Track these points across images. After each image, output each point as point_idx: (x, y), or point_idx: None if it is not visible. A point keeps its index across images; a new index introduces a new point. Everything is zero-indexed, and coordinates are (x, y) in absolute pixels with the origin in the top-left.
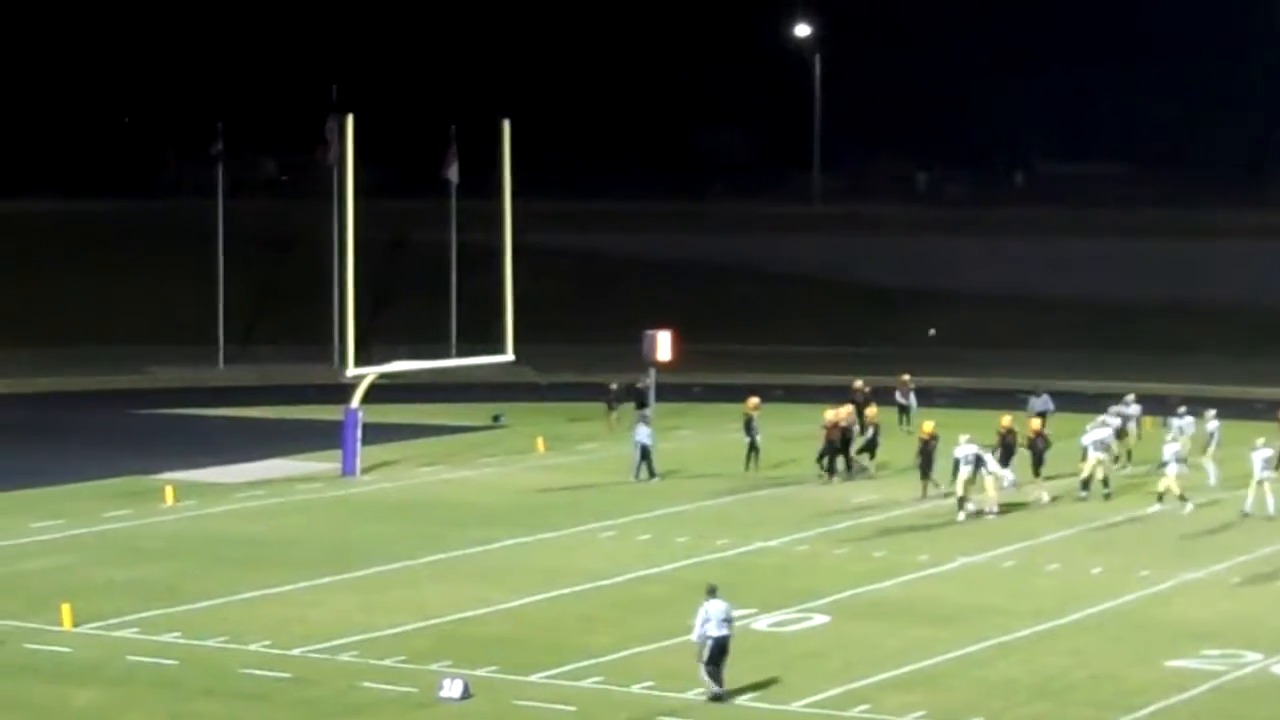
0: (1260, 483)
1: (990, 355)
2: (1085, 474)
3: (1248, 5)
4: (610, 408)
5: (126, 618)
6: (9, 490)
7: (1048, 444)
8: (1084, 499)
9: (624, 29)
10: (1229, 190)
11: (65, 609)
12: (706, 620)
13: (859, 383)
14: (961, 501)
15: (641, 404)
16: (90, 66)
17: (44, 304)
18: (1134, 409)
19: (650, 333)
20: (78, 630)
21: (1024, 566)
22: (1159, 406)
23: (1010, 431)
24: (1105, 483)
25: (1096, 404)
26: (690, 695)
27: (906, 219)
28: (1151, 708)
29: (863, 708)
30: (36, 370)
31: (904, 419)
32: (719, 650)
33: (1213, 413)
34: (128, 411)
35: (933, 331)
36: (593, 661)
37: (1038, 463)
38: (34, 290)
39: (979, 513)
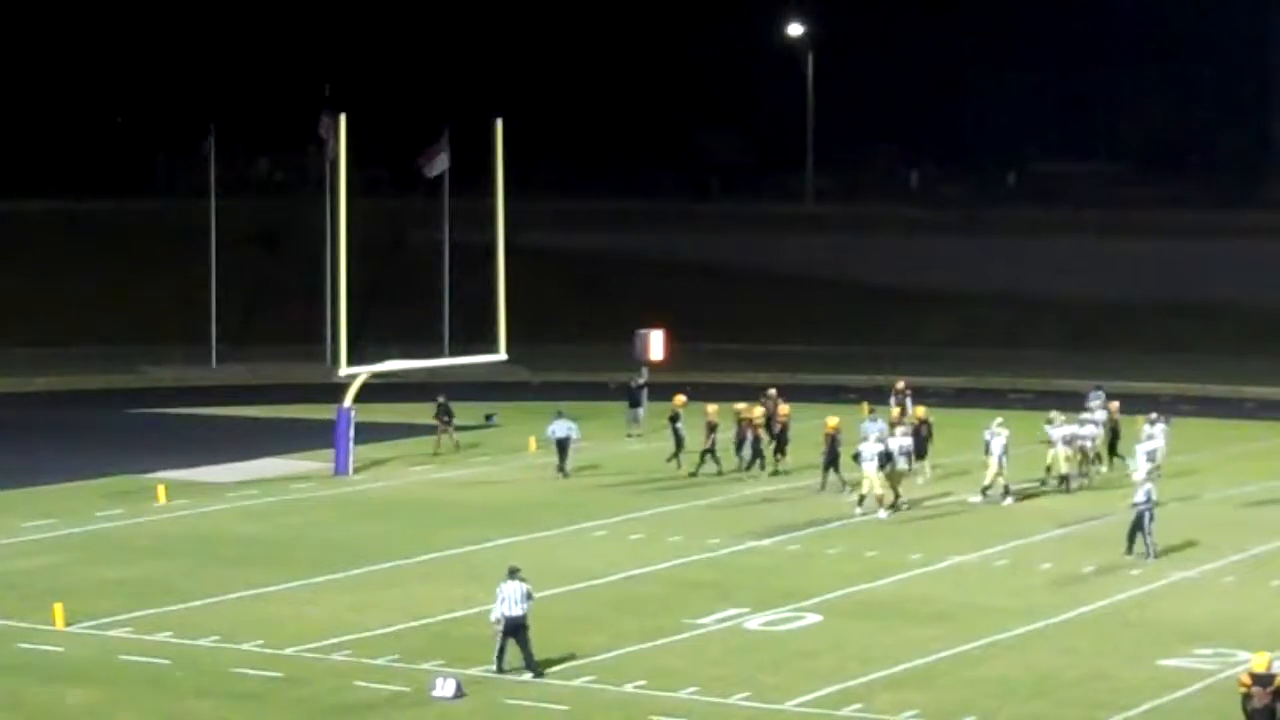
0: (1146, 474)
1: (984, 355)
2: (1048, 464)
3: (1246, 5)
4: (442, 426)
5: (119, 617)
6: (1, 489)
7: (930, 432)
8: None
9: (618, 28)
10: (1225, 190)
11: (57, 608)
12: (503, 600)
13: (772, 390)
14: (863, 498)
15: (635, 403)
16: (82, 66)
17: (37, 303)
18: (1100, 414)
19: (643, 332)
20: (70, 630)
21: (1016, 565)
22: (1154, 405)
23: (924, 423)
24: (1063, 480)
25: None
26: (683, 695)
27: (901, 218)
28: (1144, 706)
29: (855, 707)
30: (29, 369)
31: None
32: (515, 628)
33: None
34: (120, 410)
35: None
36: (585, 661)
37: (920, 451)
38: (26, 289)
39: (894, 507)
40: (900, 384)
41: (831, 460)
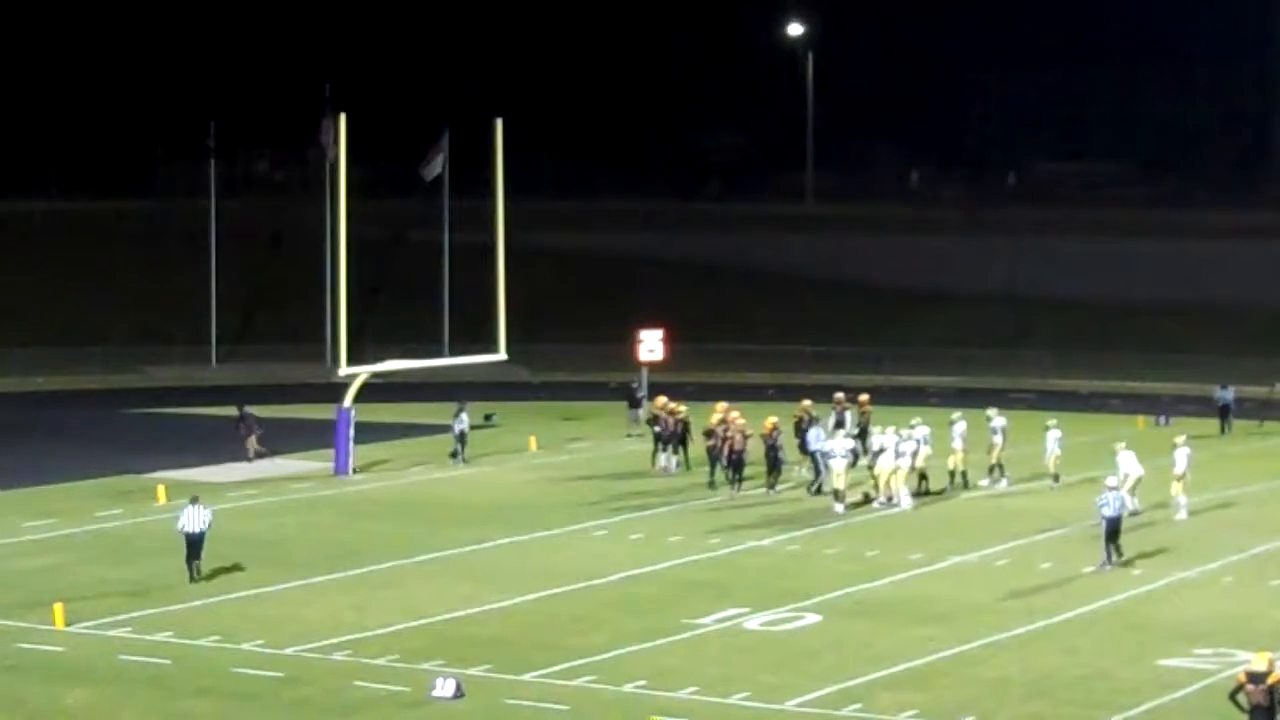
0: (1136, 480)
1: (984, 355)
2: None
3: (1245, 6)
4: (246, 431)
5: (118, 617)
6: (1, 489)
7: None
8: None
9: (618, 28)
10: (1224, 190)
11: (57, 608)
12: (188, 520)
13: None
14: (837, 494)
15: (634, 404)
16: (82, 66)
17: (37, 303)
18: (999, 421)
19: (643, 332)
20: (70, 630)
21: (1016, 565)
22: (1153, 406)
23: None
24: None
25: (1088, 403)
26: (683, 695)
27: (901, 218)
28: (1144, 707)
29: (855, 707)
30: (30, 369)
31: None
32: (196, 542)
33: (994, 411)
34: (120, 410)
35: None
36: (585, 661)
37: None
38: (27, 289)
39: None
40: (839, 394)
41: (774, 461)
